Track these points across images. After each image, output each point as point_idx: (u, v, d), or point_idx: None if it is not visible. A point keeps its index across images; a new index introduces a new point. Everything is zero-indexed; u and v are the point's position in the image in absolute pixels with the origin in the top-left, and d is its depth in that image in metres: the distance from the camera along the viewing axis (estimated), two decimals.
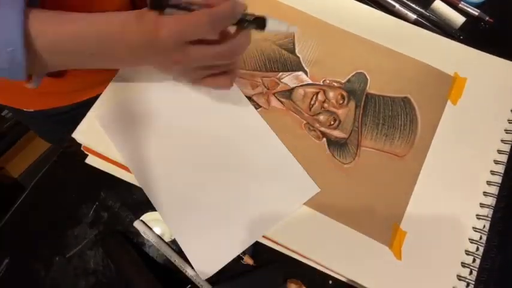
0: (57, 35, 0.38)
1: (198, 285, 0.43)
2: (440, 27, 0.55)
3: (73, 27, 0.38)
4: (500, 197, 0.46)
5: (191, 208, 0.43)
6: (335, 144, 0.47)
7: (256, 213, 0.43)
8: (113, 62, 0.43)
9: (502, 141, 0.48)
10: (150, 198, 0.43)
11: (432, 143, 0.48)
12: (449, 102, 0.49)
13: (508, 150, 0.48)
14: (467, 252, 0.44)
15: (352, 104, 0.49)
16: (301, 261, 0.44)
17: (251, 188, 0.44)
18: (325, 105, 0.49)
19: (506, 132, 0.48)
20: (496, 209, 0.45)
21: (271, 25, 0.38)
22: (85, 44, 0.39)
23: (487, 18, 0.55)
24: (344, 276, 0.43)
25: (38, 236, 0.45)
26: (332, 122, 0.48)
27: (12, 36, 0.35)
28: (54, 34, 0.38)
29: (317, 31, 0.52)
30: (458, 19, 0.56)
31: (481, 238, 0.44)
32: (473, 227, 0.45)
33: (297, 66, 0.50)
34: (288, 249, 0.44)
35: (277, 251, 0.44)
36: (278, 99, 0.49)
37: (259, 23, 0.38)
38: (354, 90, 0.50)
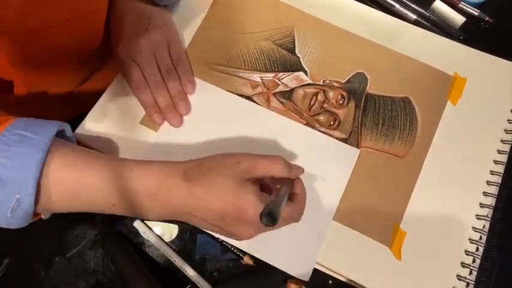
0: (79, 186, 0.34)
1: (198, 285, 0.43)
2: (440, 27, 0.55)
3: (96, 179, 0.35)
4: (500, 197, 0.46)
5: None
6: None
7: (318, 199, 0.44)
8: (145, 215, 0.37)
9: (502, 141, 0.48)
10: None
11: (432, 143, 0.48)
12: (449, 103, 0.49)
13: (508, 150, 0.48)
14: (467, 253, 0.44)
15: (352, 104, 0.49)
16: None
17: (303, 179, 0.43)
18: (325, 105, 0.49)
19: (506, 133, 0.48)
20: (496, 209, 0.45)
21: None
22: (111, 195, 0.35)
23: (487, 18, 0.55)
24: (344, 276, 0.43)
25: (38, 236, 0.45)
26: (332, 123, 0.48)
27: (24, 179, 0.32)
28: (77, 184, 0.34)
29: (317, 31, 0.52)
30: (458, 19, 0.56)
31: (480, 238, 0.44)
32: (473, 227, 0.45)
33: (297, 66, 0.50)
34: None
35: None
36: (278, 100, 0.49)
37: None
38: (354, 90, 0.50)
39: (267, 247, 0.43)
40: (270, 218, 0.32)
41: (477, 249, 0.44)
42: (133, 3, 0.48)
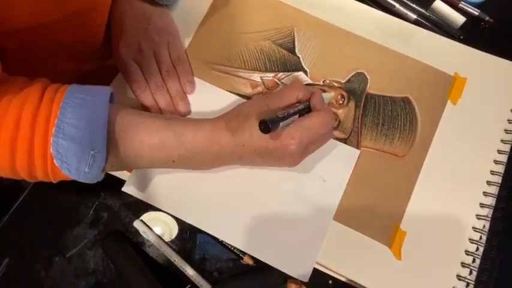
0: (142, 144, 0.38)
1: (198, 285, 0.43)
2: (441, 27, 0.55)
3: (157, 139, 0.38)
4: (500, 197, 0.46)
5: (257, 225, 0.44)
6: None
7: (316, 200, 0.44)
8: (200, 167, 0.43)
9: (502, 141, 0.48)
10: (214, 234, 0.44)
11: (432, 143, 0.48)
12: (449, 102, 0.49)
13: (508, 150, 0.48)
14: (467, 252, 0.44)
15: (352, 104, 0.49)
16: None
17: (300, 180, 0.45)
18: None
19: (506, 132, 0.48)
20: (496, 209, 0.45)
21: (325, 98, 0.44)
22: (170, 154, 0.39)
23: (487, 18, 0.55)
24: (344, 276, 0.43)
25: (38, 236, 0.45)
26: None
27: (96, 138, 0.35)
28: (140, 143, 0.38)
29: (317, 31, 0.52)
30: (458, 19, 0.56)
31: (481, 238, 0.44)
32: (473, 227, 0.45)
33: (297, 66, 0.50)
34: None
35: None
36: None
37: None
38: (354, 90, 0.50)
39: (267, 248, 0.43)
40: (263, 126, 0.35)
41: (477, 249, 0.44)
42: (133, 3, 0.48)
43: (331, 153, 0.46)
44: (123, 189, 0.44)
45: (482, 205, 0.45)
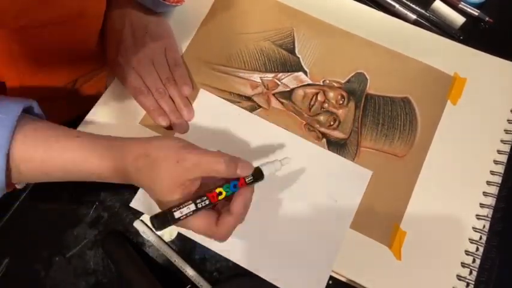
0: (43, 165, 0.37)
1: (198, 285, 0.43)
2: (440, 27, 0.55)
3: (61, 158, 0.37)
4: (500, 197, 0.46)
5: (270, 247, 0.43)
6: (335, 145, 0.47)
7: (328, 220, 0.44)
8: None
9: (502, 141, 0.48)
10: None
11: (432, 143, 0.48)
12: (449, 103, 0.49)
13: (508, 150, 0.48)
14: (467, 253, 0.44)
15: (352, 104, 0.49)
16: None
17: (312, 200, 0.44)
18: (325, 105, 0.49)
19: (506, 133, 0.48)
20: (496, 209, 0.45)
21: (266, 171, 0.38)
22: (72, 176, 0.38)
23: (487, 18, 0.55)
24: (344, 276, 0.43)
25: (38, 236, 0.45)
26: (332, 123, 0.48)
27: None
28: (41, 164, 0.37)
29: (317, 31, 0.52)
30: (458, 19, 0.56)
31: (480, 238, 0.44)
32: (473, 227, 0.45)
33: (297, 67, 0.50)
34: None
35: None
36: (278, 100, 0.49)
37: (258, 175, 0.38)
38: (354, 91, 0.50)
39: (276, 269, 0.42)
40: (155, 224, 0.34)
41: (477, 249, 0.44)
42: (130, 12, 0.48)
43: (343, 173, 0.46)
44: (131, 204, 0.44)
45: (482, 205, 0.45)
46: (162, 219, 0.34)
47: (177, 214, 0.34)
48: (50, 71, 0.46)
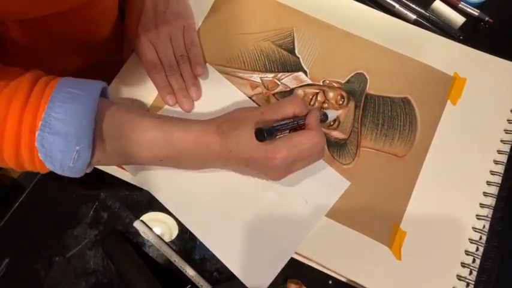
0: (129, 143, 0.38)
1: (198, 285, 0.43)
2: (440, 27, 0.55)
3: (147, 136, 0.38)
4: (500, 197, 0.46)
5: (230, 227, 0.44)
6: (335, 145, 0.47)
7: (293, 219, 0.44)
8: (186, 167, 0.43)
9: (502, 141, 0.48)
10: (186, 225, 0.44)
11: (432, 143, 0.48)
12: (449, 102, 0.49)
13: (508, 150, 0.48)
14: (467, 253, 0.44)
15: (351, 104, 0.49)
16: (301, 261, 0.44)
17: (284, 194, 0.45)
18: (325, 105, 0.49)
19: (506, 133, 0.48)
20: (496, 209, 0.45)
21: (330, 115, 0.46)
22: (158, 153, 0.39)
23: (487, 18, 0.55)
24: (344, 276, 0.43)
25: (38, 236, 0.45)
26: (332, 123, 0.48)
27: (83, 134, 0.35)
28: (128, 142, 0.38)
29: (317, 31, 0.52)
30: (458, 19, 0.56)
31: (480, 238, 0.44)
32: (473, 227, 0.45)
33: (297, 67, 0.50)
34: None
35: None
36: (278, 100, 0.49)
37: (325, 116, 0.45)
38: (354, 91, 0.50)
39: (233, 253, 0.43)
40: (259, 134, 0.37)
41: (477, 249, 0.44)
42: None
43: (321, 177, 0.46)
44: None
45: (482, 205, 0.45)
46: (268, 129, 0.36)
47: (276, 125, 0.38)
48: (59, 60, 0.47)
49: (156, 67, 0.47)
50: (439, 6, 0.56)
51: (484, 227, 0.45)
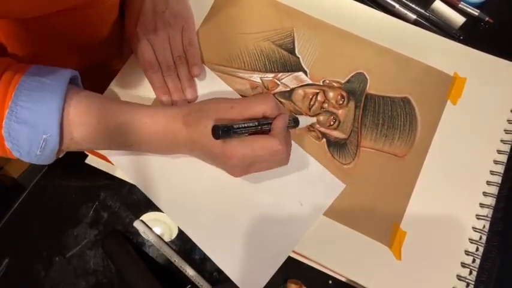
0: (97, 128, 0.38)
1: (198, 285, 0.43)
2: (440, 27, 0.55)
3: (115, 120, 0.39)
4: (499, 197, 0.46)
5: (224, 229, 0.43)
6: (335, 145, 0.47)
7: (288, 221, 0.44)
8: (157, 152, 0.44)
9: (502, 141, 0.48)
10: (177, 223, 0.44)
11: (432, 143, 0.48)
12: (449, 102, 0.49)
13: (508, 150, 0.48)
14: (467, 253, 0.44)
15: (351, 104, 0.49)
16: (301, 261, 0.44)
17: (279, 197, 0.44)
18: (325, 105, 0.49)
19: (506, 133, 0.48)
20: (496, 209, 0.45)
21: (302, 122, 0.45)
22: (127, 138, 0.40)
23: (487, 18, 0.55)
24: (344, 276, 0.43)
25: (38, 236, 0.45)
26: (332, 123, 0.48)
27: (49, 122, 0.35)
28: (95, 127, 0.38)
29: (317, 31, 0.52)
30: (458, 19, 0.56)
31: (480, 238, 0.44)
32: (473, 227, 0.45)
33: (297, 67, 0.50)
34: None
35: None
36: (278, 100, 0.49)
37: (295, 122, 0.44)
38: (354, 91, 0.50)
39: (227, 255, 0.42)
40: (214, 132, 0.37)
41: (477, 249, 0.44)
42: None
43: (317, 180, 0.45)
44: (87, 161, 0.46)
45: (482, 205, 0.45)
46: (225, 128, 0.36)
47: (235, 125, 0.37)
48: (58, 59, 0.47)
49: (153, 67, 0.47)
50: (439, 6, 0.56)
51: (484, 227, 0.45)
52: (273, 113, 0.40)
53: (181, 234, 0.45)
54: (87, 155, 0.47)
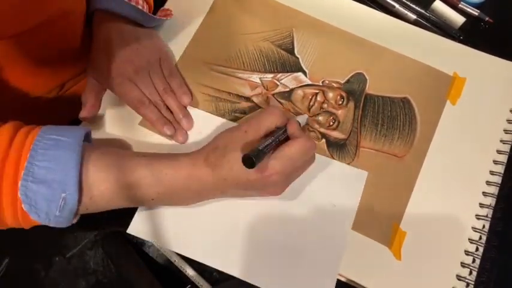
0: (118, 185, 0.37)
1: (198, 285, 0.43)
2: (440, 27, 0.55)
3: (135, 175, 0.37)
4: (499, 197, 0.46)
5: (263, 256, 0.42)
6: (334, 145, 0.47)
7: (327, 225, 0.43)
8: (181, 203, 0.42)
9: (501, 141, 0.48)
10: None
11: (431, 143, 0.48)
12: (448, 102, 0.49)
13: (508, 150, 0.48)
14: (467, 253, 0.44)
15: (351, 104, 0.49)
16: None
17: (311, 206, 0.44)
18: (324, 105, 0.49)
19: (506, 133, 0.48)
20: (496, 209, 0.45)
21: (300, 121, 0.45)
22: (148, 192, 0.38)
23: (487, 18, 0.55)
24: (344, 276, 0.43)
25: (38, 236, 0.45)
26: (331, 123, 0.48)
27: (68, 179, 0.34)
28: (116, 183, 0.37)
29: (316, 32, 0.52)
30: (458, 19, 0.56)
31: (480, 238, 0.44)
32: (472, 227, 0.45)
33: (296, 67, 0.51)
34: None
35: None
36: (277, 100, 0.49)
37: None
38: (353, 91, 0.50)
39: (278, 280, 0.41)
40: (248, 161, 0.35)
41: (477, 249, 0.44)
42: (121, 26, 0.47)
43: (339, 177, 0.45)
44: (128, 231, 0.43)
45: (481, 205, 0.45)
46: (255, 153, 0.35)
47: (261, 147, 0.36)
48: (37, 74, 0.46)
49: (144, 102, 0.45)
50: (439, 6, 0.56)
51: (483, 227, 0.45)
52: (283, 121, 0.40)
53: None
54: None
